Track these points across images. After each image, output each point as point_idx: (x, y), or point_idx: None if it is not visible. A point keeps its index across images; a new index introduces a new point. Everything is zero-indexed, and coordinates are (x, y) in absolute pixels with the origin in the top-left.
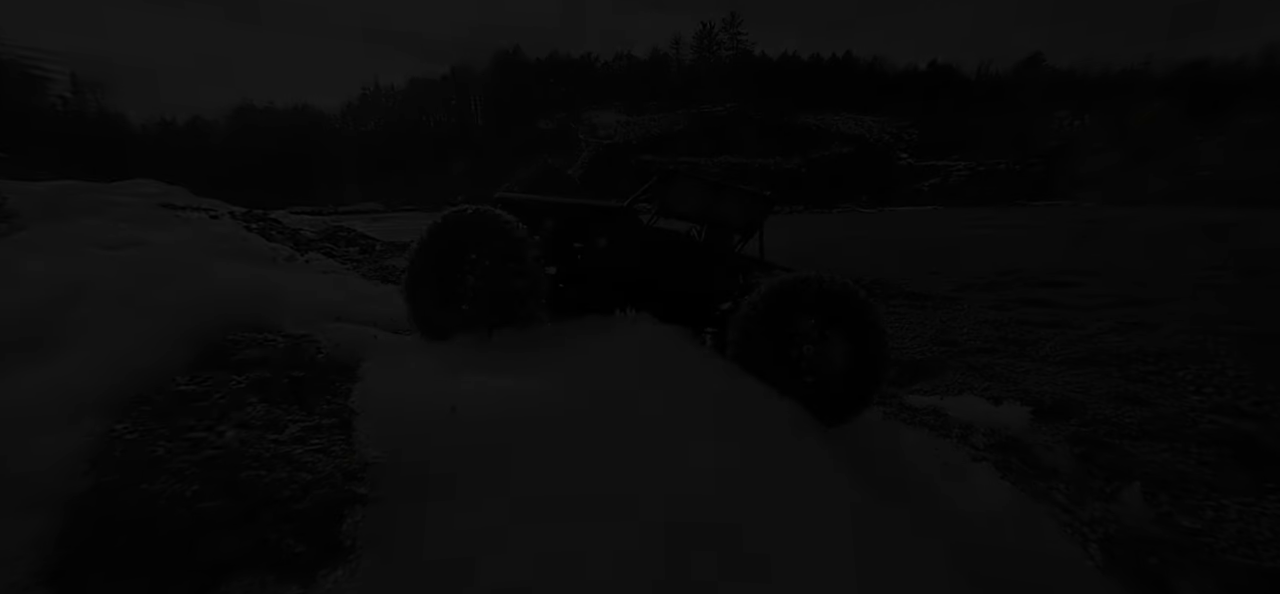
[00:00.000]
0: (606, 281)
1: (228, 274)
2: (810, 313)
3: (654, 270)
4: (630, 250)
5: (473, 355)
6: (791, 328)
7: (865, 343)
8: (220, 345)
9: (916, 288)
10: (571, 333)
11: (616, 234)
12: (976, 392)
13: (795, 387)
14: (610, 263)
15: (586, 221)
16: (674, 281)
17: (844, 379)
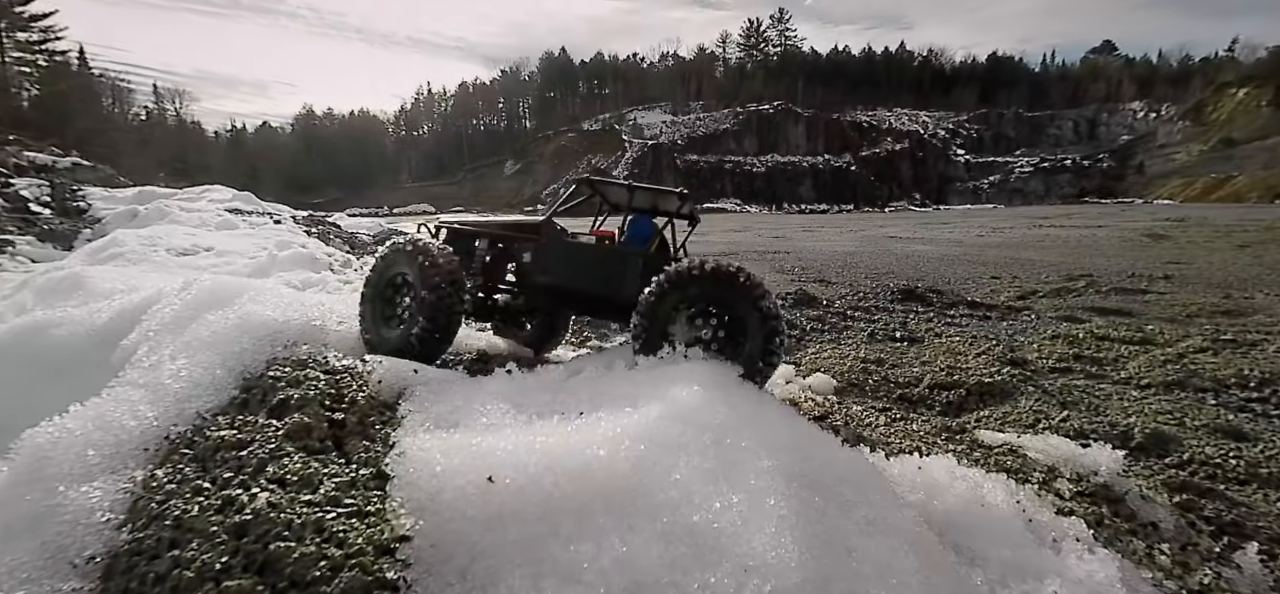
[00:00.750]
0: (533, 289)
1: (276, 300)
2: (695, 298)
3: (571, 275)
4: (550, 260)
5: (509, 393)
6: (678, 313)
7: (751, 320)
8: (263, 382)
9: (978, 295)
10: (614, 370)
11: (538, 247)
12: (1053, 421)
13: (654, 332)
14: (535, 272)
15: (512, 239)
16: (590, 283)
17: (735, 355)
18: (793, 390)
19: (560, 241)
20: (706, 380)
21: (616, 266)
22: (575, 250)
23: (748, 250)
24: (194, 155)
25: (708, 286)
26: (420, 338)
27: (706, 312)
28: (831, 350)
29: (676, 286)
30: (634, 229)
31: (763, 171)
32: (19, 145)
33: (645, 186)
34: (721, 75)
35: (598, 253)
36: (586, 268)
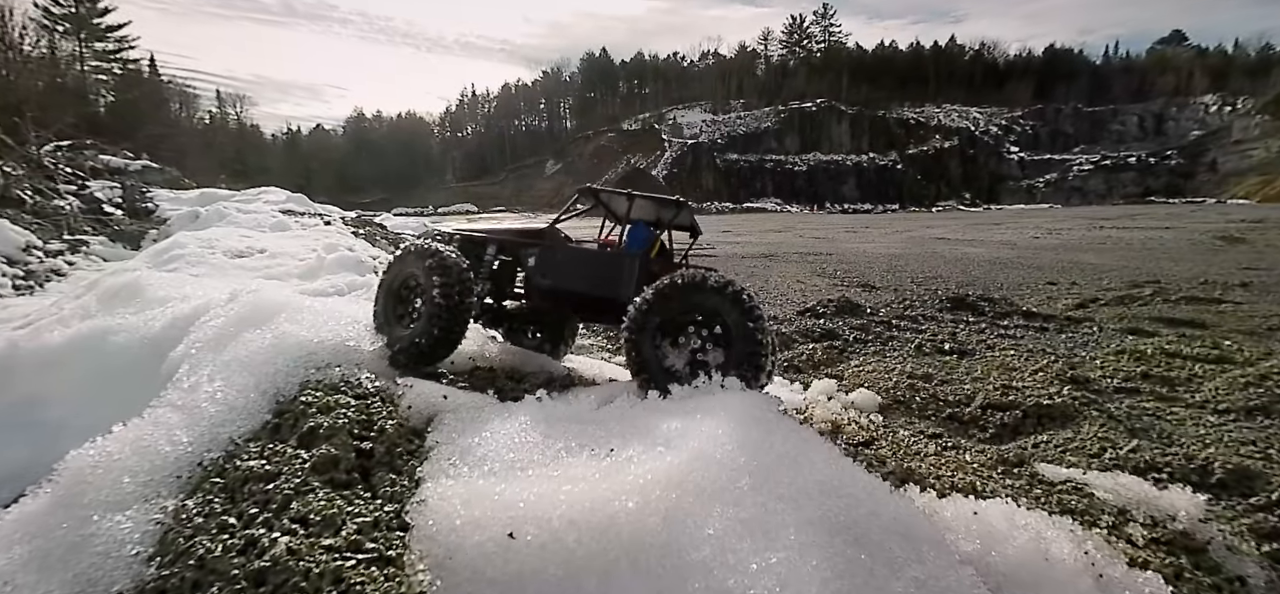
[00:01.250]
0: (538, 294)
1: (312, 319)
2: (687, 309)
3: (572, 278)
4: (552, 264)
5: (538, 423)
6: (670, 324)
7: (739, 331)
8: (295, 407)
9: (1033, 304)
10: (647, 399)
11: (541, 252)
12: (1121, 450)
13: (663, 374)
14: (538, 276)
15: (520, 246)
16: (589, 286)
17: (725, 366)
18: (835, 408)
19: (561, 247)
20: (743, 414)
21: (614, 270)
22: (575, 255)
23: (788, 252)
24: (253, 157)
25: (686, 298)
26: (428, 337)
27: (695, 326)
28: (876, 364)
29: (654, 308)
30: (632, 236)
31: (804, 170)
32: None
33: (643, 195)
34: (763, 73)
35: (596, 257)
36: (586, 271)
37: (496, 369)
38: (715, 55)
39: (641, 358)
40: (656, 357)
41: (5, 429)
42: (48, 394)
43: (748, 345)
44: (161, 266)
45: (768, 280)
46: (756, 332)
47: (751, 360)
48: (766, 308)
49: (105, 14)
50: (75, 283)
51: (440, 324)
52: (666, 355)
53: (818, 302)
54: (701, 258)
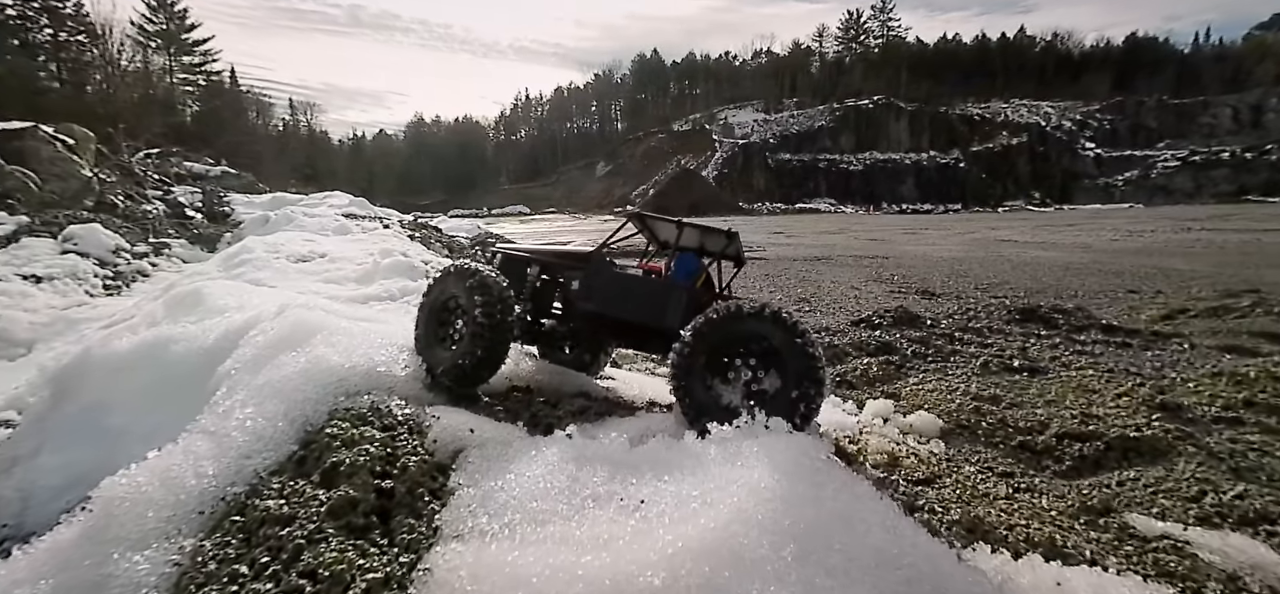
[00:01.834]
0: (580, 318)
1: (347, 342)
2: (730, 341)
3: (616, 304)
4: (596, 288)
5: (566, 466)
6: (716, 360)
7: (789, 352)
8: (321, 439)
9: (1113, 316)
10: (682, 441)
11: (585, 275)
12: (1225, 496)
13: (721, 412)
14: (581, 299)
15: (563, 268)
16: (633, 313)
17: (775, 400)
18: (892, 434)
19: (607, 271)
20: (789, 463)
21: (660, 298)
22: (621, 280)
23: (842, 255)
24: (321, 162)
25: (727, 330)
26: (470, 358)
27: (743, 356)
28: (937, 382)
29: (696, 348)
30: (680, 265)
31: (860, 170)
32: (180, 156)
33: (693, 223)
34: (817, 71)
35: (642, 284)
36: (631, 297)
37: (533, 390)
38: (768, 53)
39: (697, 402)
40: (712, 398)
41: (75, 433)
42: (113, 400)
43: (801, 362)
44: (231, 270)
45: (819, 286)
46: (806, 347)
47: (809, 375)
48: (817, 317)
49: (192, 29)
50: (155, 285)
51: (483, 345)
52: (721, 393)
53: (873, 311)
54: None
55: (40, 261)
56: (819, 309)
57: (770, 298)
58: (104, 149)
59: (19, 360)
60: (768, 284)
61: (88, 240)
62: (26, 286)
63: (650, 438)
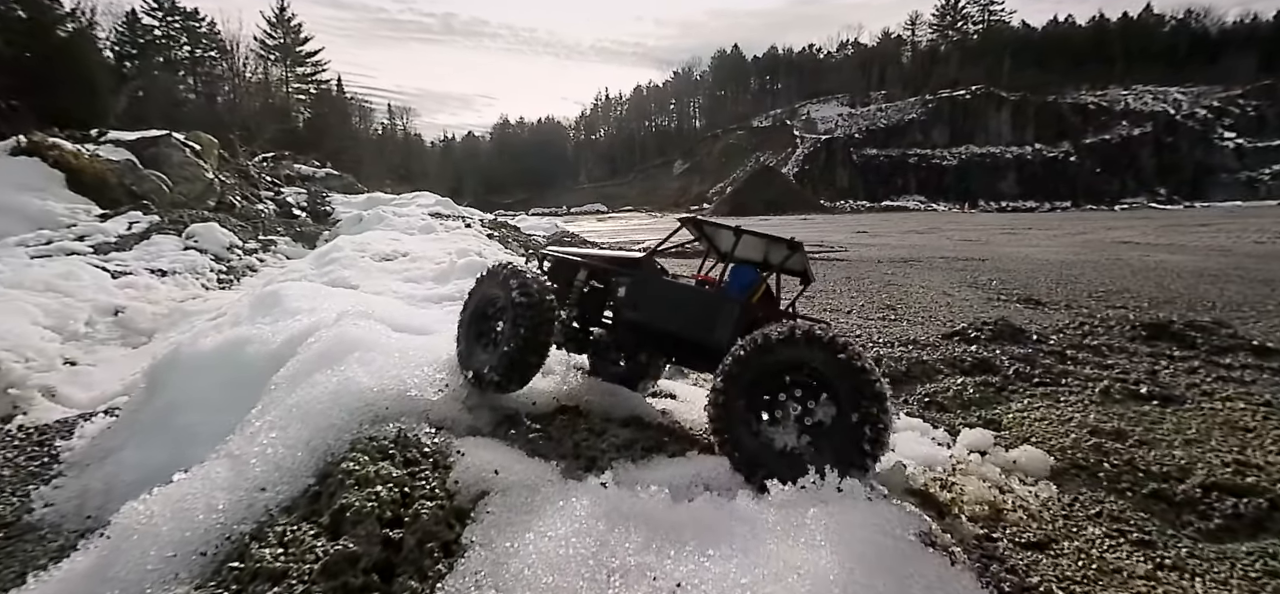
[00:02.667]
0: (626, 326)
1: (383, 362)
2: (772, 374)
3: (663, 315)
4: (643, 297)
5: (596, 526)
6: (758, 394)
7: (841, 388)
8: (338, 474)
9: (1265, 335)
10: (735, 500)
11: (632, 283)
12: None
13: (779, 461)
14: (627, 308)
15: (610, 273)
16: (680, 325)
17: (834, 431)
18: (991, 473)
19: (656, 279)
20: (864, 546)
21: (710, 312)
22: (670, 290)
23: (932, 256)
24: (415, 163)
25: (766, 359)
26: (507, 360)
27: (788, 388)
28: (1046, 409)
29: (733, 386)
30: (735, 276)
31: (954, 165)
32: (290, 159)
33: (752, 230)
34: (908, 61)
35: (692, 295)
36: (678, 309)
37: (581, 411)
38: (855, 44)
39: (747, 454)
40: (762, 445)
41: (156, 429)
42: (191, 399)
43: (851, 381)
44: (321, 268)
45: (906, 292)
46: (853, 362)
47: (865, 392)
48: (903, 326)
49: (305, 42)
50: (259, 279)
51: (519, 344)
52: (773, 436)
53: (969, 321)
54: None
55: (165, 257)
56: (905, 318)
57: (853, 303)
58: (225, 154)
59: (141, 348)
60: (849, 288)
61: (206, 238)
62: (152, 280)
63: (698, 490)
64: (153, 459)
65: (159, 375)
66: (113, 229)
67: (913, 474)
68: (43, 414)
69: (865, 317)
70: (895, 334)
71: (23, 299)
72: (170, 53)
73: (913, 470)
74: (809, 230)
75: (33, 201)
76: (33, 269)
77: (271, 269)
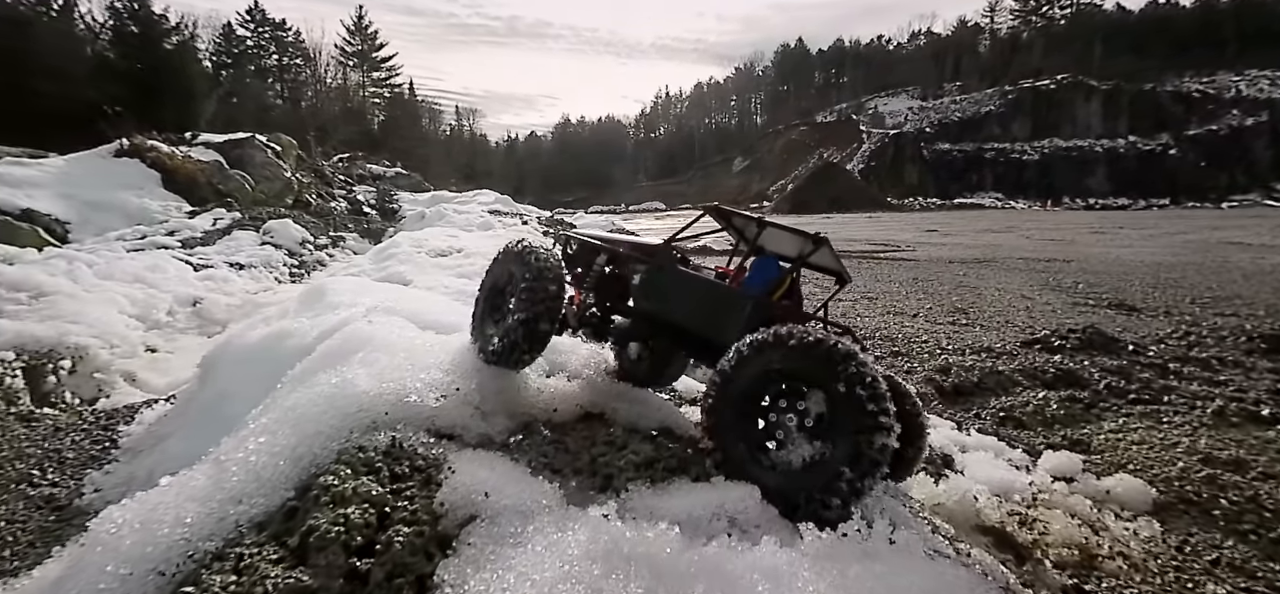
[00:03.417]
0: (640, 316)
1: (387, 362)
2: (777, 376)
3: (674, 308)
4: (656, 287)
5: (591, 572)
6: (758, 395)
7: (845, 411)
8: (315, 489)
9: None
10: (759, 547)
11: (649, 272)
12: None
13: (758, 471)
14: (640, 297)
15: (628, 259)
16: (691, 320)
17: (819, 461)
18: (1080, 506)
19: (670, 269)
20: None
21: (720, 307)
22: (682, 281)
23: (1009, 257)
24: (480, 163)
25: (800, 365)
26: (512, 334)
27: (780, 407)
28: (1146, 431)
29: (721, 403)
30: (757, 270)
31: (1035, 159)
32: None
33: (775, 223)
34: (986, 50)
35: (705, 288)
36: (690, 302)
37: (605, 419)
38: (927, 34)
39: (776, 490)
40: (766, 475)
41: (201, 419)
42: (235, 390)
43: (847, 389)
44: (379, 263)
45: (980, 295)
46: (851, 366)
47: (857, 469)
48: (976, 332)
49: (381, 48)
50: (324, 273)
51: (525, 318)
52: (776, 461)
53: (1051, 328)
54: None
55: (243, 251)
56: (978, 323)
57: (920, 306)
58: (302, 154)
59: (215, 337)
60: (916, 290)
61: (280, 233)
62: (230, 273)
63: (719, 525)
64: (196, 448)
65: (211, 365)
66: (199, 225)
67: (985, 507)
68: (123, 398)
69: (933, 320)
70: (966, 340)
71: (113, 289)
72: (260, 61)
73: (985, 503)
74: (874, 228)
75: (132, 199)
76: (124, 261)
77: (339, 264)
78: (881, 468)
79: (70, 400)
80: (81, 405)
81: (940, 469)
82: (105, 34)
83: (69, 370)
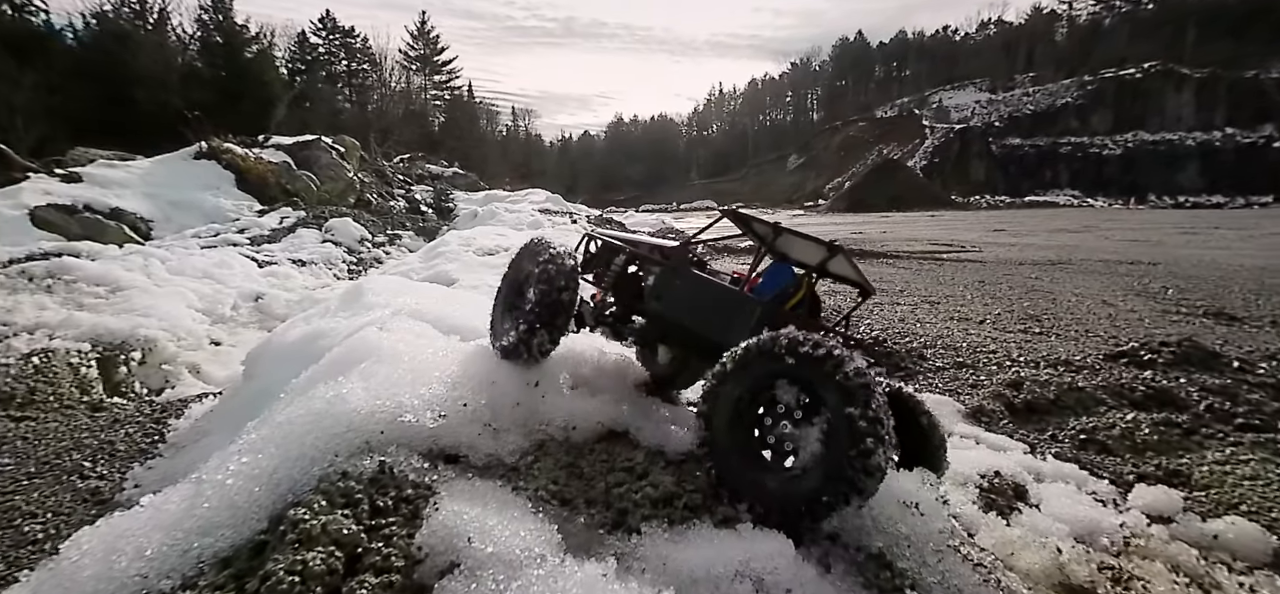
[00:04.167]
0: (653, 318)
1: (386, 375)
2: (763, 380)
3: (683, 310)
4: (667, 289)
5: None
6: (755, 404)
7: (842, 419)
8: (286, 523)
9: None
10: None
11: (662, 273)
12: None
13: (755, 485)
14: (652, 299)
15: (645, 260)
16: (699, 324)
17: (815, 468)
18: (1182, 557)
19: (683, 271)
20: None
21: (729, 313)
22: (694, 284)
23: (1087, 259)
24: (535, 162)
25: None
26: (527, 328)
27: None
28: (1260, 464)
29: (753, 359)
30: (771, 276)
31: (1117, 154)
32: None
33: (791, 229)
34: (1063, 38)
35: (715, 292)
36: (699, 306)
37: (631, 440)
38: (998, 23)
39: (745, 485)
40: (770, 497)
41: (244, 414)
42: (273, 388)
43: (845, 447)
44: (428, 262)
45: (1055, 300)
46: (842, 369)
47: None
48: (1052, 342)
49: (442, 52)
50: (378, 271)
51: (535, 311)
52: (765, 469)
53: (1139, 339)
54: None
55: (306, 248)
56: (1054, 331)
57: (987, 311)
58: (365, 155)
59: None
60: (981, 294)
61: (341, 231)
62: (292, 269)
63: (741, 590)
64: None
65: (253, 362)
66: (267, 223)
67: (1070, 559)
68: (187, 389)
69: (1002, 328)
70: (1041, 351)
71: (183, 284)
72: (331, 67)
73: (1069, 553)
74: (936, 228)
75: (208, 198)
76: (194, 257)
77: (393, 261)
78: (863, 490)
79: (138, 391)
80: (148, 395)
81: (1012, 502)
82: (194, 44)
83: (139, 361)
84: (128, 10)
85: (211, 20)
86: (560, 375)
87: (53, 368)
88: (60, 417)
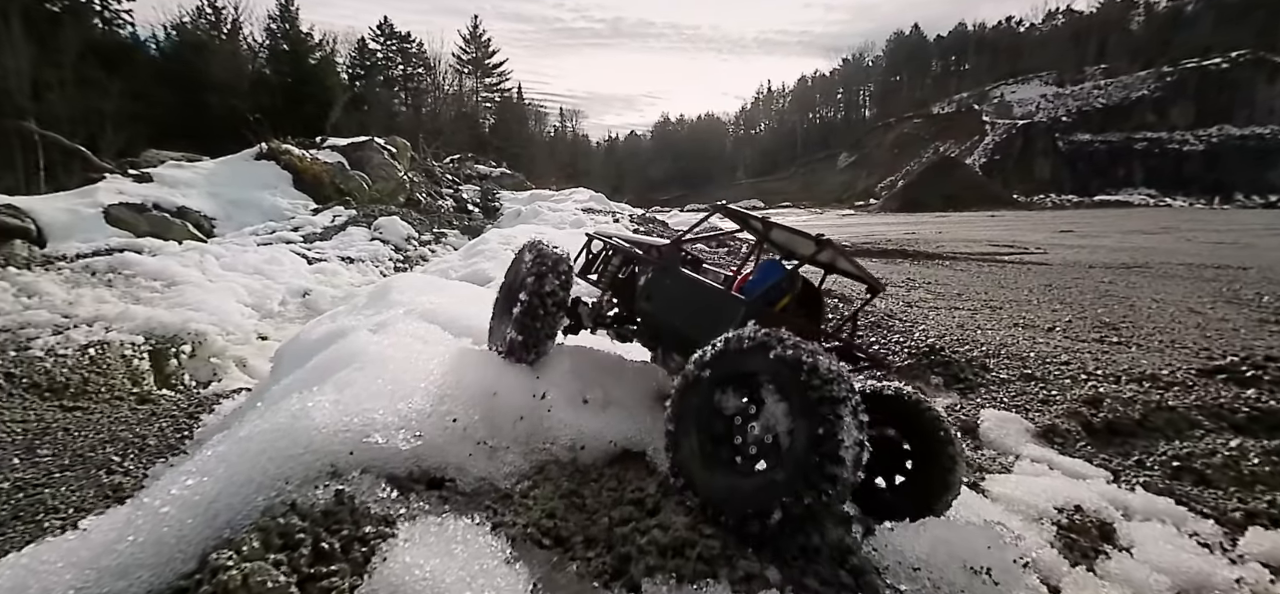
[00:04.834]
0: (645, 318)
1: (366, 383)
2: (744, 382)
3: (670, 310)
4: (657, 288)
5: None
6: (722, 401)
7: (811, 420)
8: (208, 562)
9: None
10: None
11: (652, 273)
12: None
13: (720, 485)
14: (643, 300)
15: (640, 259)
16: (685, 323)
17: (781, 471)
18: None
19: (673, 270)
20: None
21: (713, 311)
22: (682, 284)
23: (1167, 262)
24: (582, 162)
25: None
26: (519, 326)
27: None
28: None
29: (724, 357)
30: (762, 272)
31: (1199, 150)
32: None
33: (780, 224)
34: (1140, 27)
35: (702, 292)
36: (687, 306)
37: (647, 465)
38: (1066, 12)
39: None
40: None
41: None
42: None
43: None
44: (468, 260)
45: (1133, 307)
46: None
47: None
48: (1132, 354)
49: (493, 55)
50: (423, 268)
51: (531, 308)
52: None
53: (1238, 353)
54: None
55: (355, 246)
56: (1134, 342)
57: (1056, 318)
58: (416, 155)
59: None
60: (1049, 299)
61: (389, 229)
62: (340, 267)
63: None
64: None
65: (280, 359)
66: (320, 221)
67: None
68: (231, 382)
69: (1074, 337)
70: (1120, 364)
71: (234, 280)
72: (388, 71)
73: None
74: (996, 228)
75: (266, 198)
76: (247, 254)
77: (437, 259)
78: (826, 494)
79: (187, 383)
80: (195, 388)
81: (1098, 544)
82: (263, 52)
83: (189, 354)
84: (205, 21)
85: (279, 29)
86: (572, 385)
87: (107, 359)
88: (108, 407)
